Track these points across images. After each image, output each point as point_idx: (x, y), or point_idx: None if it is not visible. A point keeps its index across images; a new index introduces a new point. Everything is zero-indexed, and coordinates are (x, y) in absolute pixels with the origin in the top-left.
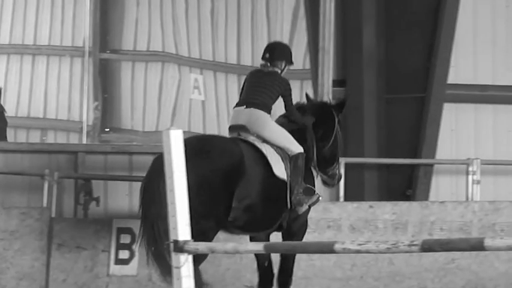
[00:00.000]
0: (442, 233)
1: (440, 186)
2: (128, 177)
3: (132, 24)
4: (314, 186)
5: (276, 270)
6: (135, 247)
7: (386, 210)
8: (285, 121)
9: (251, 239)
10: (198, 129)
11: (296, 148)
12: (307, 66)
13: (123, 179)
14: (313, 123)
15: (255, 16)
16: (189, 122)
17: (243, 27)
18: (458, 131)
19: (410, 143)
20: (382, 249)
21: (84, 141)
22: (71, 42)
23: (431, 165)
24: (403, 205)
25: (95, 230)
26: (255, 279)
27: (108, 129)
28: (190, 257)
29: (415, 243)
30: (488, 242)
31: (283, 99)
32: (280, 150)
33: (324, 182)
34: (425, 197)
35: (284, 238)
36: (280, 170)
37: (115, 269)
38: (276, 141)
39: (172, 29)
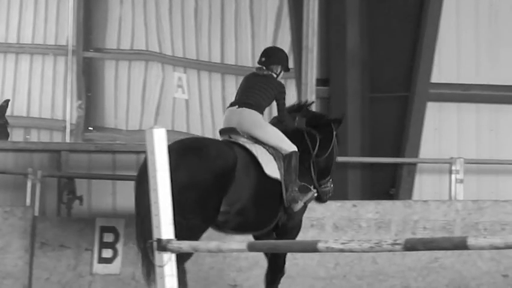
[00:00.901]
0: (425, 232)
1: (424, 185)
2: (111, 176)
3: (116, 22)
4: (311, 184)
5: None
6: (119, 245)
7: (370, 209)
8: (277, 122)
9: (255, 238)
10: (181, 127)
11: (289, 147)
12: (291, 65)
13: (106, 177)
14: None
15: (238, 15)
16: (173, 120)
17: (226, 26)
18: (441, 130)
19: (394, 142)
20: (366, 248)
21: (68, 140)
22: (54, 41)
23: (415, 164)
24: (386, 204)
25: (78, 229)
26: (238, 278)
27: (91, 128)
28: (173, 256)
29: (398, 242)
30: (471, 241)
31: (277, 103)
32: (273, 150)
33: (317, 197)
34: (409, 196)
35: (278, 237)
36: (272, 169)
37: (98, 267)
38: (269, 140)
39: (156, 28)
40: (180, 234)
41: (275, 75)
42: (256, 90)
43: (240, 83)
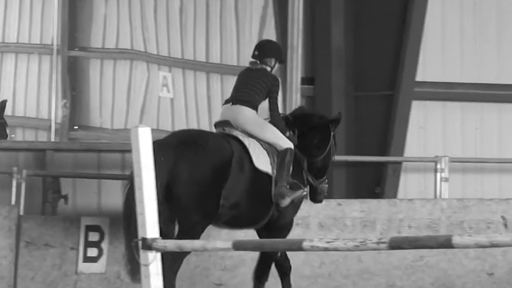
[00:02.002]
0: (410, 230)
1: (409, 183)
2: (97, 175)
3: (101, 21)
4: (303, 183)
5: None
6: (105, 244)
7: (355, 208)
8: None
9: (259, 236)
10: (166, 126)
11: (284, 143)
12: None
13: (91, 176)
14: (308, 132)
15: (223, 14)
16: (158, 119)
17: (211, 25)
18: (426, 128)
19: (379, 140)
20: (351, 247)
21: (53, 139)
22: (39, 40)
23: (400, 162)
24: (371, 203)
25: (63, 228)
26: (223, 276)
27: (76, 127)
28: (158, 255)
29: (383, 240)
30: (456, 240)
31: (269, 96)
32: (268, 146)
33: (312, 197)
34: (394, 195)
35: (268, 234)
36: (262, 163)
37: (83, 266)
38: (264, 137)
39: (141, 27)
40: (181, 232)
41: (269, 68)
42: (250, 86)
43: (236, 78)
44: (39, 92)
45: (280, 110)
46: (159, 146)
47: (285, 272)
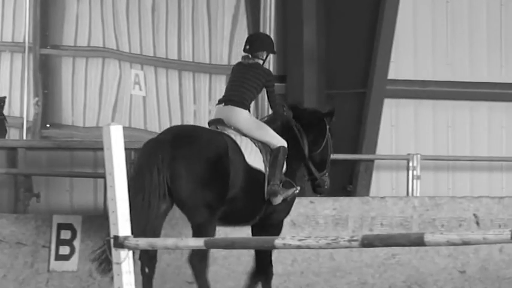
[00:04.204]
0: (382, 228)
1: (381, 181)
2: (69, 173)
3: (73, 19)
4: (294, 181)
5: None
6: (77, 242)
7: (327, 206)
8: (268, 120)
9: (253, 234)
10: (139, 124)
11: (277, 142)
12: None
13: (63, 174)
14: (304, 128)
15: (195, 12)
16: (130, 117)
17: (183, 22)
18: (398, 126)
19: (351, 138)
20: (323, 245)
21: (25, 137)
22: (11, 38)
23: (372, 160)
24: (343, 200)
25: (35, 226)
26: None
27: (48, 125)
28: (130, 253)
29: (355, 238)
30: (428, 237)
31: (267, 90)
32: (261, 144)
33: (314, 188)
34: (366, 193)
35: (260, 232)
36: (254, 160)
37: (55, 264)
38: (256, 135)
39: (113, 25)
40: (195, 231)
41: (261, 62)
42: (242, 83)
43: (229, 74)
44: (11, 90)
45: (253, 109)
46: (155, 144)
47: (266, 279)
